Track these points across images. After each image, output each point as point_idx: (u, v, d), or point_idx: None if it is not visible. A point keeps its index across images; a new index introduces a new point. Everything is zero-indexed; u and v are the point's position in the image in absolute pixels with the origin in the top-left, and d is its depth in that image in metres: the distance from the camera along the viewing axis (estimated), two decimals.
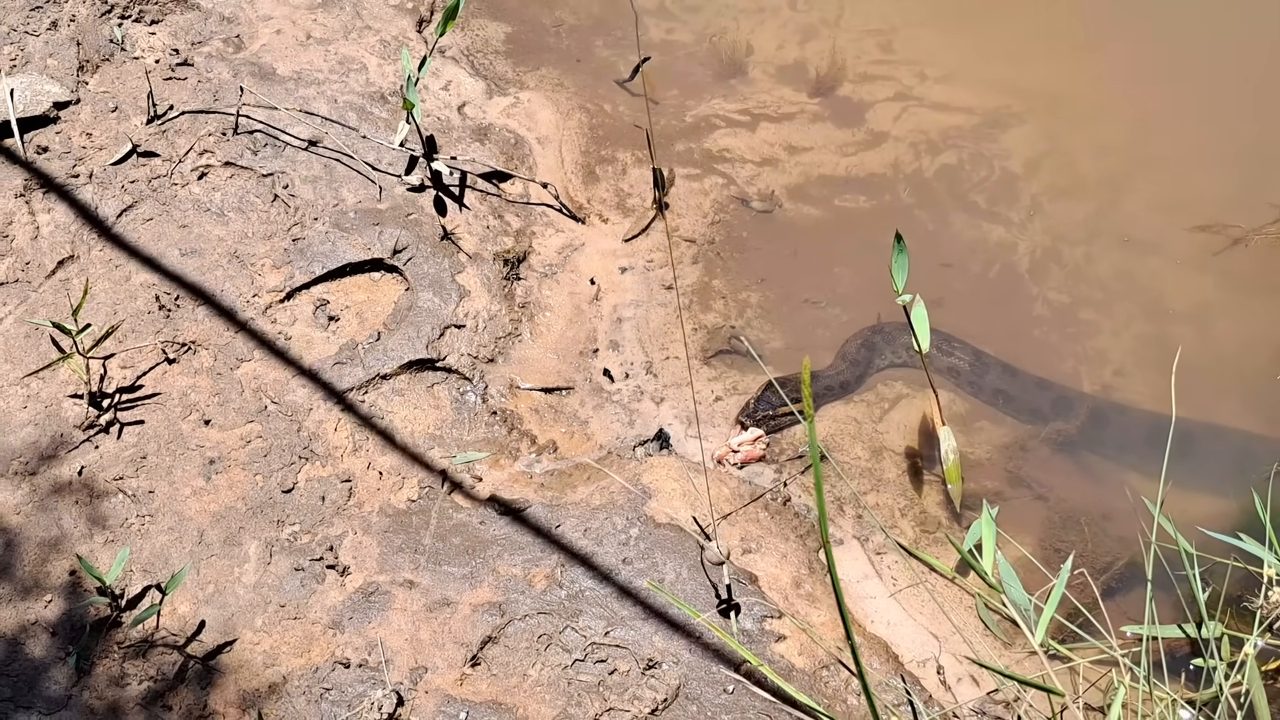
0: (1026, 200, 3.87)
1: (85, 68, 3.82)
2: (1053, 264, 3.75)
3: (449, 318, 3.38)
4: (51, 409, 3.00)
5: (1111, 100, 4.12)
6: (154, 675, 2.60)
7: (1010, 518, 3.04)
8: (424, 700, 2.60)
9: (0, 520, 2.82)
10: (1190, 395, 2.78)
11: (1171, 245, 3.76)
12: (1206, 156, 3.95)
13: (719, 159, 3.97)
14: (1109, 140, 4.01)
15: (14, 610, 2.67)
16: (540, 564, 2.85)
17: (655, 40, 4.30)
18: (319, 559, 2.80)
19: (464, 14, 3.86)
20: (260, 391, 3.12)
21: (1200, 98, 4.13)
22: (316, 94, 3.88)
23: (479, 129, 3.94)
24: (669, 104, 4.14)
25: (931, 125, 4.05)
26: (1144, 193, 3.88)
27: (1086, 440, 3.36)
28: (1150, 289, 3.69)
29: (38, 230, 3.41)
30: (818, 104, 4.12)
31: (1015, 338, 3.56)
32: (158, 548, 2.81)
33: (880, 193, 3.88)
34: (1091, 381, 3.48)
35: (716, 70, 4.22)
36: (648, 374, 3.45)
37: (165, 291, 3.29)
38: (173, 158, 3.63)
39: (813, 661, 2.74)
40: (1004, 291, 3.68)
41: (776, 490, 3.16)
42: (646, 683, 2.65)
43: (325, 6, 4.23)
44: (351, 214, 3.58)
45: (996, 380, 3.46)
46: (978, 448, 3.35)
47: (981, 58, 4.24)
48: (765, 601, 2.85)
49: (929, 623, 2.89)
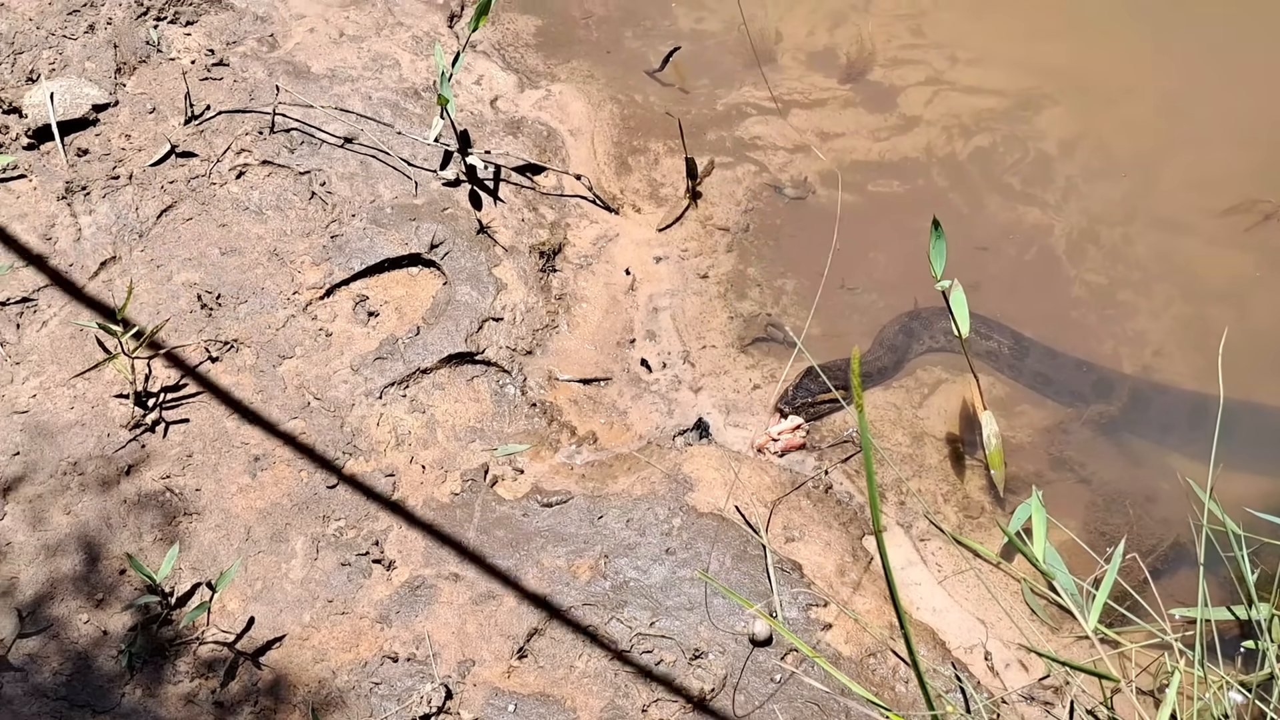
0: (1061, 182, 3.84)
1: (123, 70, 3.80)
2: (1090, 245, 3.71)
3: (487, 311, 3.36)
4: (98, 409, 2.99)
5: (1139, 79, 4.07)
6: (205, 672, 2.59)
7: (1053, 501, 3.00)
8: (472, 693, 2.59)
9: (49, 521, 2.81)
10: (1230, 374, 2.71)
11: (1205, 224, 3.72)
12: (1234, 132, 3.91)
13: (751, 146, 3.95)
14: (1139, 120, 3.99)
15: (65, 610, 2.66)
16: (584, 555, 2.83)
17: (685, 29, 4.27)
18: (365, 554, 2.80)
19: (494, 8, 3.86)
20: (302, 388, 3.11)
21: (1225, 74, 4.08)
22: (351, 91, 3.87)
23: (512, 122, 3.92)
24: (699, 93, 4.12)
25: (964, 108, 4.03)
26: (1176, 171, 3.85)
27: (1128, 422, 3.32)
28: (1187, 268, 3.66)
29: (80, 232, 3.40)
30: (849, 89, 4.11)
31: (1054, 320, 3.53)
32: (206, 545, 2.80)
33: (914, 177, 3.86)
34: (1132, 363, 3.46)
35: (746, 58, 4.17)
36: (685, 363, 3.43)
37: (207, 290, 3.28)
38: (211, 157, 3.62)
39: (860, 649, 2.72)
40: (1041, 274, 3.65)
41: (818, 478, 3.13)
42: (693, 673, 2.64)
43: (357, 4, 4.22)
44: (388, 210, 3.56)
45: (1036, 363, 3.43)
46: (1019, 431, 3.31)
47: (1011, 39, 4.19)
48: (810, 590, 2.83)
49: (975, 609, 2.88)
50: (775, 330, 3.54)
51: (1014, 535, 2.58)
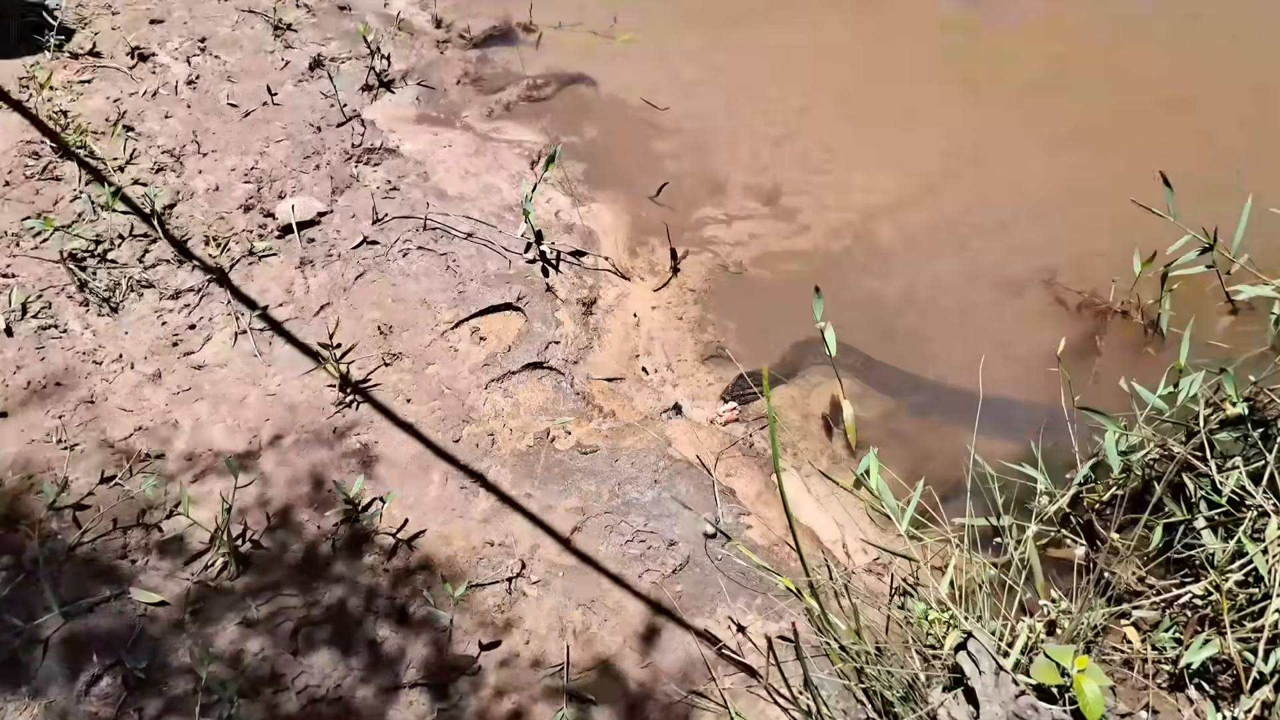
0: (892, 266, 3.90)
1: (336, 191, 3.98)
2: (909, 304, 3.77)
3: (550, 337, 3.51)
4: (318, 394, 3.23)
5: (934, 203, 4.11)
6: (378, 552, 2.80)
7: (885, 455, 3.05)
8: (537, 565, 2.80)
9: (293, 463, 3.01)
10: (992, 380, 2.97)
11: (980, 290, 3.77)
12: (994, 239, 3.94)
13: (709, 242, 4.07)
14: (940, 223, 4.02)
15: (298, 514, 2.88)
16: (606, 483, 3.04)
17: (670, 171, 4.34)
18: (476, 482, 3.00)
19: (558, 160, 3.84)
20: (439, 383, 3.30)
21: (1009, 182, 4.14)
22: (471, 206, 4.00)
23: (567, 225, 4.05)
24: (680, 210, 4.19)
25: (837, 221, 4.10)
26: (961, 261, 3.90)
27: (930, 410, 3.41)
28: (968, 316, 3.69)
29: (308, 288, 3.59)
30: (768, 209, 4.19)
31: (886, 346, 3.60)
32: (379, 477, 2.99)
33: (806, 262, 3.95)
34: (933, 372, 3.52)
35: (708, 190, 4.29)
36: (668, 370, 3.56)
37: (384, 324, 3.47)
38: (387, 244, 3.79)
39: (769, 541, 2.94)
40: (880, 320, 3.70)
41: (746, 439, 3.30)
42: (669, 554, 2.84)
43: (477, 154, 4.32)
44: (493, 276, 3.71)
45: (876, 372, 3.50)
46: (866, 413, 3.40)
47: (862, 179, 4.23)
48: (740, 505, 3.04)
49: (837, 518, 3.05)
50: (722, 352, 3.58)
51: (860, 475, 2.81)
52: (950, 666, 2.31)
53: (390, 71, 4.73)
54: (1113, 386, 3.04)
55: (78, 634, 2.56)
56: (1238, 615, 2.45)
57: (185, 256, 3.64)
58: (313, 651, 2.58)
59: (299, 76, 4.57)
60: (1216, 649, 2.41)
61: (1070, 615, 2.51)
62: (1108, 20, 4.97)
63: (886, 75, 4.86)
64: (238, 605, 2.65)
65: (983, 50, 4.88)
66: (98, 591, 2.65)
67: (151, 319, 3.43)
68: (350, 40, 4.88)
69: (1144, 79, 4.59)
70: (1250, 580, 2.48)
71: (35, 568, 2.69)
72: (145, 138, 4.08)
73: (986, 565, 2.57)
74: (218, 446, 3.07)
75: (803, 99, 4.73)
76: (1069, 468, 2.89)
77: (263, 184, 3.98)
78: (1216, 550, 2.54)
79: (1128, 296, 3.60)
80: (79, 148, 3.91)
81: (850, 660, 2.43)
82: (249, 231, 3.78)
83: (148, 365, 3.29)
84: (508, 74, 4.94)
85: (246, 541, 2.82)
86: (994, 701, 2.14)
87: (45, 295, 3.41)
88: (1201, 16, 4.85)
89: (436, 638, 2.62)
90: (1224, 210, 3.36)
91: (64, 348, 3.28)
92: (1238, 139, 4.21)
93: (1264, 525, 2.52)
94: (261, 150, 4.12)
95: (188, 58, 4.55)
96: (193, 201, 3.86)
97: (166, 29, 4.68)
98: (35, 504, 2.84)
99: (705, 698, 2.52)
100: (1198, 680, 2.49)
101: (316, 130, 4.28)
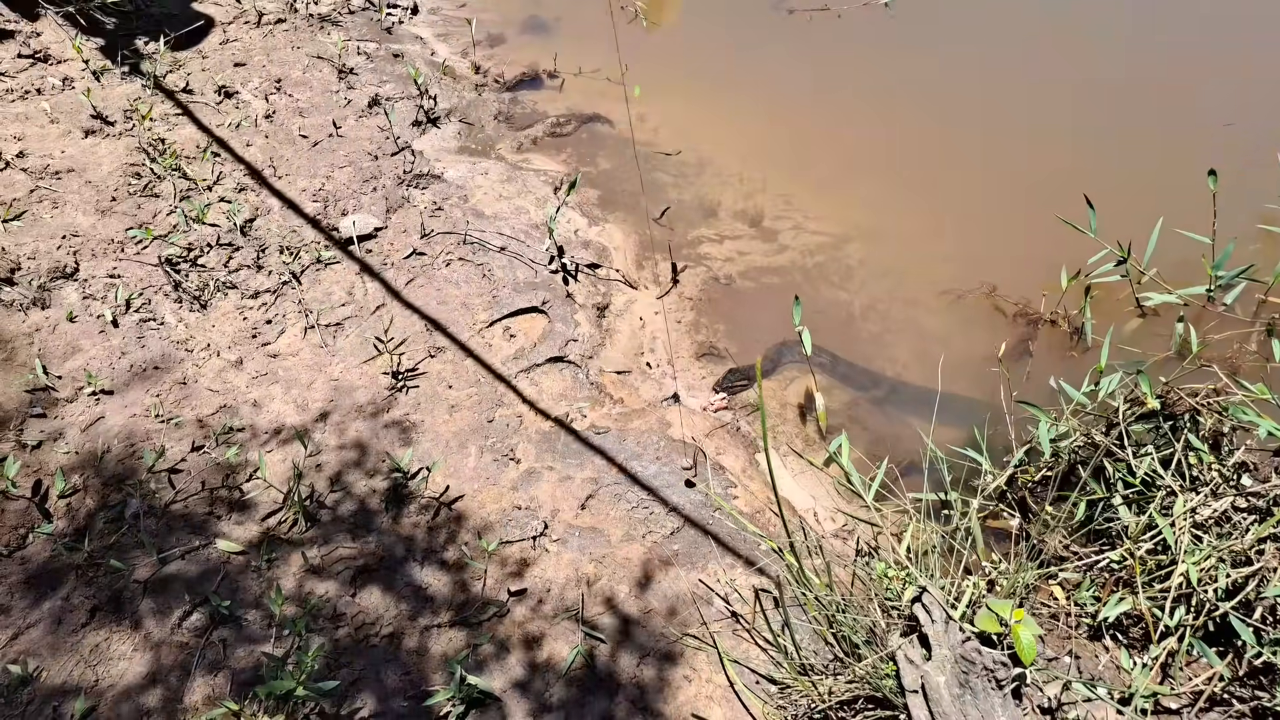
0: (856, 279, 3.89)
1: (390, 210, 3.97)
2: (871, 311, 3.76)
3: (570, 336, 3.49)
4: (374, 380, 3.20)
5: (895, 226, 4.09)
6: (422, 513, 2.79)
7: (851, 438, 3.07)
8: (557, 526, 2.78)
9: (353, 437, 2.99)
10: (944, 379, 2.96)
11: (930, 300, 3.75)
12: (942, 257, 3.89)
13: (704, 258, 4.05)
14: (895, 247, 4.00)
15: (353, 479, 2.87)
16: (615, 459, 3.02)
17: (671, 198, 4.32)
18: (506, 455, 2.98)
19: (578, 187, 3.88)
20: (476, 371, 3.29)
21: (940, 222, 4.09)
22: (504, 224, 3.99)
23: (584, 242, 4.04)
24: (679, 231, 4.18)
25: (811, 242, 4.08)
26: (916, 273, 3.86)
27: (888, 401, 3.40)
28: (918, 323, 3.69)
29: (366, 291, 3.58)
30: (753, 231, 4.18)
31: (852, 347, 3.59)
32: (425, 449, 2.98)
33: (785, 275, 3.94)
34: (891, 370, 3.51)
35: (703, 213, 4.28)
36: (669, 365, 3.53)
37: (430, 321, 3.46)
38: (433, 255, 3.78)
39: (753, 508, 2.94)
40: (846, 326, 3.70)
41: (734, 424, 3.30)
42: (668, 518, 2.83)
43: (509, 181, 4.30)
44: (522, 283, 3.69)
45: (843, 369, 3.50)
46: (834, 404, 3.39)
47: (835, 208, 4.21)
48: (729, 478, 3.04)
49: (811, 491, 3.06)
50: (715, 350, 3.55)
51: (832, 453, 2.81)
52: (907, 616, 2.32)
53: (436, 110, 4.73)
54: (1044, 384, 3.04)
55: (171, 577, 2.58)
56: (1148, 578, 2.48)
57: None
58: (367, 594, 2.59)
59: (359, 113, 4.57)
60: (1129, 606, 2.44)
61: (1007, 575, 2.52)
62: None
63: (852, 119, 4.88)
64: (305, 554, 2.67)
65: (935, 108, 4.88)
66: (188, 541, 2.67)
67: (234, 315, 3.43)
68: (402, 83, 4.88)
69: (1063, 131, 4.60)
70: (1159, 549, 2.51)
71: (136, 521, 2.71)
72: (230, 162, 4.08)
73: (937, 532, 2.58)
74: (289, 422, 3.06)
75: (778, 138, 4.73)
76: (1007, 452, 2.88)
77: (328, 203, 3.96)
78: (1131, 523, 2.56)
79: (1056, 307, 3.60)
80: (173, 170, 3.91)
81: (822, 609, 2.43)
82: (316, 242, 3.77)
83: (231, 353, 3.29)
84: (535, 113, 4.93)
85: (313, 501, 2.82)
86: (944, 645, 2.16)
87: (145, 293, 3.41)
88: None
89: (471, 584, 2.63)
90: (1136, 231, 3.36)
91: (161, 337, 3.29)
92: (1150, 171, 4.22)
93: (1171, 502, 2.55)
94: (328, 175, 4.11)
95: (265, 95, 4.55)
96: (269, 217, 3.86)
97: (248, 71, 4.70)
98: (138, 467, 2.85)
99: (697, 639, 2.53)
100: (1113, 632, 2.52)
101: (374, 158, 4.27)
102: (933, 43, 5.30)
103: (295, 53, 4.92)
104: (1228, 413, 2.60)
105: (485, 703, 2.35)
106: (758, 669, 2.46)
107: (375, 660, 2.43)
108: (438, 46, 5.45)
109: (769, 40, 5.46)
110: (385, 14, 5.60)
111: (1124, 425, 2.71)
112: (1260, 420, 2.50)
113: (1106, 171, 4.19)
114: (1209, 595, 2.35)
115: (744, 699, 2.37)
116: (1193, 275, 3.33)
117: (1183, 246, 3.33)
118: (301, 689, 2.21)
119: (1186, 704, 2.32)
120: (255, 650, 2.43)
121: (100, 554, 2.62)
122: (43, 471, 2.80)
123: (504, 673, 2.42)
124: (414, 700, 2.33)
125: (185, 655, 2.41)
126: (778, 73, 5.18)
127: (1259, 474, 2.61)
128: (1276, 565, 2.32)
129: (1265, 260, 3.40)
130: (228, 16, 5.10)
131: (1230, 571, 2.35)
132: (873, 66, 5.23)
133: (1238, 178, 3.50)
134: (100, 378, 3.09)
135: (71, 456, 2.86)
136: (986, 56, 5.14)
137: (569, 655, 2.45)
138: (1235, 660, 2.33)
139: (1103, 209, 3.36)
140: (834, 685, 2.27)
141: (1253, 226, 3.79)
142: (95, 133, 4.03)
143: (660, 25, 5.70)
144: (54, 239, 3.49)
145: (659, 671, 2.45)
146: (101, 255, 3.50)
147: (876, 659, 2.24)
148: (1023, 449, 2.85)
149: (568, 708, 2.35)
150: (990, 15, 5.54)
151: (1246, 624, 2.30)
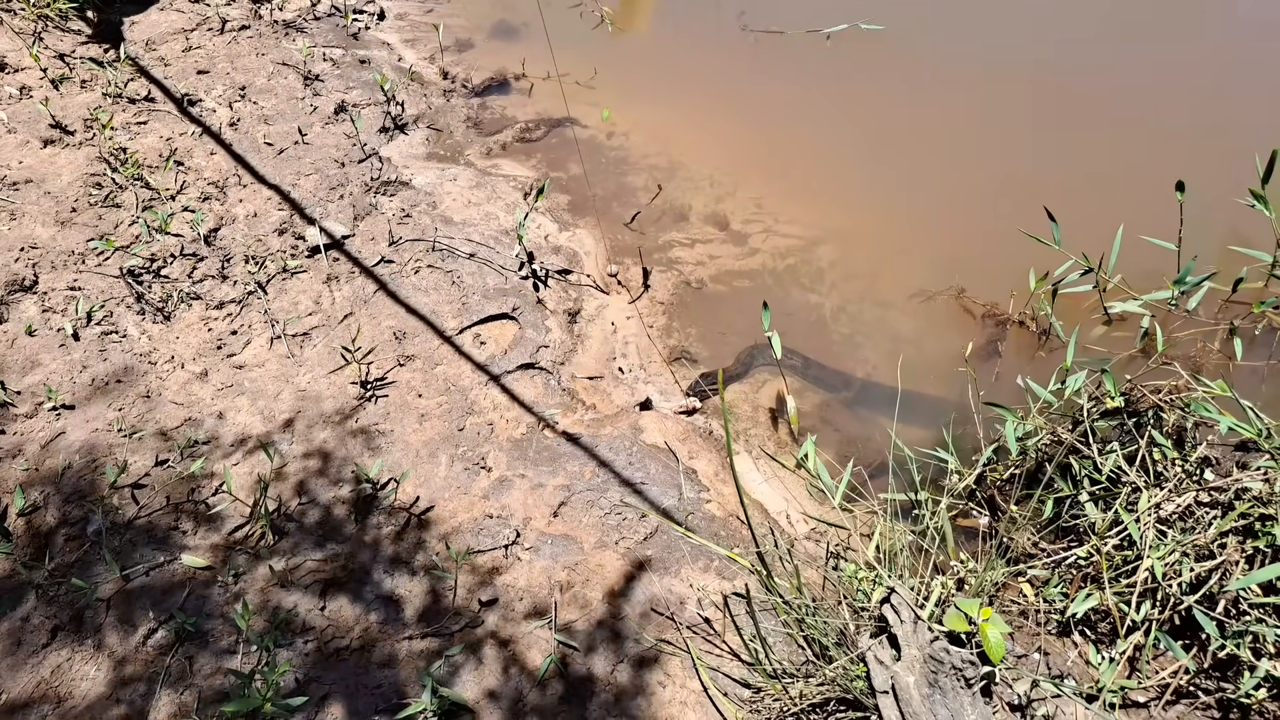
0: (827, 282, 3.91)
1: (357, 218, 3.96)
2: (841, 313, 3.77)
3: (541, 342, 3.48)
4: (342, 389, 3.17)
5: (866, 231, 4.12)
6: (393, 524, 2.76)
7: (821, 440, 3.20)
8: (530, 534, 2.76)
9: (321, 448, 2.96)
10: (911, 378, 3.05)
11: (901, 302, 3.77)
12: (912, 260, 3.92)
13: (675, 262, 4.05)
14: (865, 250, 4.02)
15: (319, 489, 2.83)
16: (587, 465, 2.99)
17: (643, 202, 4.32)
18: (477, 464, 2.95)
19: (547, 192, 3.89)
20: (446, 380, 3.25)
21: (910, 225, 4.14)
22: (473, 230, 3.97)
23: (555, 247, 4.03)
24: (650, 235, 4.19)
25: (781, 245, 4.10)
26: (888, 276, 3.88)
27: (859, 402, 3.40)
28: (889, 325, 3.71)
29: (334, 300, 3.55)
30: (723, 234, 4.19)
31: (823, 349, 3.60)
32: (395, 459, 2.94)
33: (755, 279, 3.94)
34: (861, 371, 3.52)
35: (674, 217, 4.28)
36: (641, 369, 3.53)
37: (399, 330, 3.43)
38: (401, 262, 3.76)
39: (725, 513, 2.91)
40: (817, 327, 3.71)
41: (705, 428, 3.29)
42: (641, 525, 2.81)
43: (478, 187, 4.30)
44: (492, 290, 3.67)
45: (814, 371, 3.51)
46: (806, 405, 3.41)
47: (805, 211, 4.22)
48: (700, 482, 3.01)
49: (782, 494, 3.04)
50: (686, 355, 3.56)
51: (801, 458, 2.61)
52: (876, 617, 2.31)
53: (404, 116, 4.72)
54: (1011, 384, 3.09)
55: (135, 593, 2.54)
56: (1115, 573, 2.50)
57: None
58: (337, 607, 2.56)
59: (326, 120, 4.54)
60: (1097, 601, 2.46)
61: (976, 574, 2.53)
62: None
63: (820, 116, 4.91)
64: (273, 567, 2.64)
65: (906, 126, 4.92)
66: (153, 557, 2.63)
67: (199, 326, 3.39)
68: (369, 89, 4.86)
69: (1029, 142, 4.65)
70: (1125, 544, 2.54)
71: (99, 538, 2.67)
72: (193, 171, 4.04)
73: (906, 532, 2.59)
74: (255, 433, 3.03)
75: (749, 143, 4.75)
76: (975, 451, 2.90)
77: (294, 211, 3.96)
78: (1097, 520, 2.58)
79: (1024, 309, 3.63)
80: (135, 179, 3.87)
81: (793, 613, 2.43)
82: (283, 251, 3.73)
83: (196, 365, 3.25)
84: (504, 118, 4.93)
85: (280, 514, 2.79)
86: (913, 645, 2.16)
87: (107, 306, 3.37)
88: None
89: (443, 594, 2.61)
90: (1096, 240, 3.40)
91: (123, 350, 3.25)
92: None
93: (1136, 499, 2.57)
94: (294, 182, 4.09)
95: (230, 103, 4.52)
96: (234, 225, 3.82)
97: (211, 79, 4.66)
98: (100, 482, 2.82)
99: (671, 644, 2.52)
100: (1081, 627, 2.54)
101: (341, 166, 4.25)
102: (909, 53, 5.32)
103: (260, 60, 4.88)
104: (1190, 409, 2.65)
105: (459, 713, 2.32)
106: (732, 674, 2.45)
107: (346, 674, 2.40)
108: (405, 52, 5.43)
109: (737, 51, 5.49)
110: (351, 20, 5.58)
111: (1089, 423, 2.74)
112: (1221, 416, 2.55)
113: (1075, 176, 4.23)
114: (1174, 589, 2.38)
115: (718, 704, 2.37)
116: (1162, 277, 3.34)
117: (1152, 251, 3.35)
118: (269, 705, 2.19)
119: (1153, 697, 2.34)
120: (222, 666, 2.40)
121: (61, 572, 2.58)
122: (1, 489, 2.76)
123: (477, 683, 2.39)
124: (386, 714, 2.31)
125: (150, 674, 2.37)
126: (747, 80, 5.22)
127: (1220, 468, 2.64)
128: (1238, 558, 2.37)
129: (1230, 264, 3.40)
130: (190, 24, 5.06)
131: (1194, 565, 2.39)
132: (843, 78, 5.25)
133: (1211, 177, 3.53)
134: (61, 392, 3.05)
135: (31, 473, 2.82)
136: (959, 65, 5.19)
137: (543, 663, 2.43)
138: (1200, 653, 2.36)
139: (1073, 212, 3.40)
140: (805, 689, 2.28)
141: (1221, 222, 3.79)
142: (54, 142, 3.99)
143: (626, 32, 5.73)
144: (11, 251, 3.45)
145: (633, 678, 2.44)
146: (61, 267, 3.45)
147: (847, 661, 2.24)
148: (991, 447, 2.87)
149: (542, 716, 2.34)
150: (971, 30, 5.63)
151: (1210, 617, 2.33)
